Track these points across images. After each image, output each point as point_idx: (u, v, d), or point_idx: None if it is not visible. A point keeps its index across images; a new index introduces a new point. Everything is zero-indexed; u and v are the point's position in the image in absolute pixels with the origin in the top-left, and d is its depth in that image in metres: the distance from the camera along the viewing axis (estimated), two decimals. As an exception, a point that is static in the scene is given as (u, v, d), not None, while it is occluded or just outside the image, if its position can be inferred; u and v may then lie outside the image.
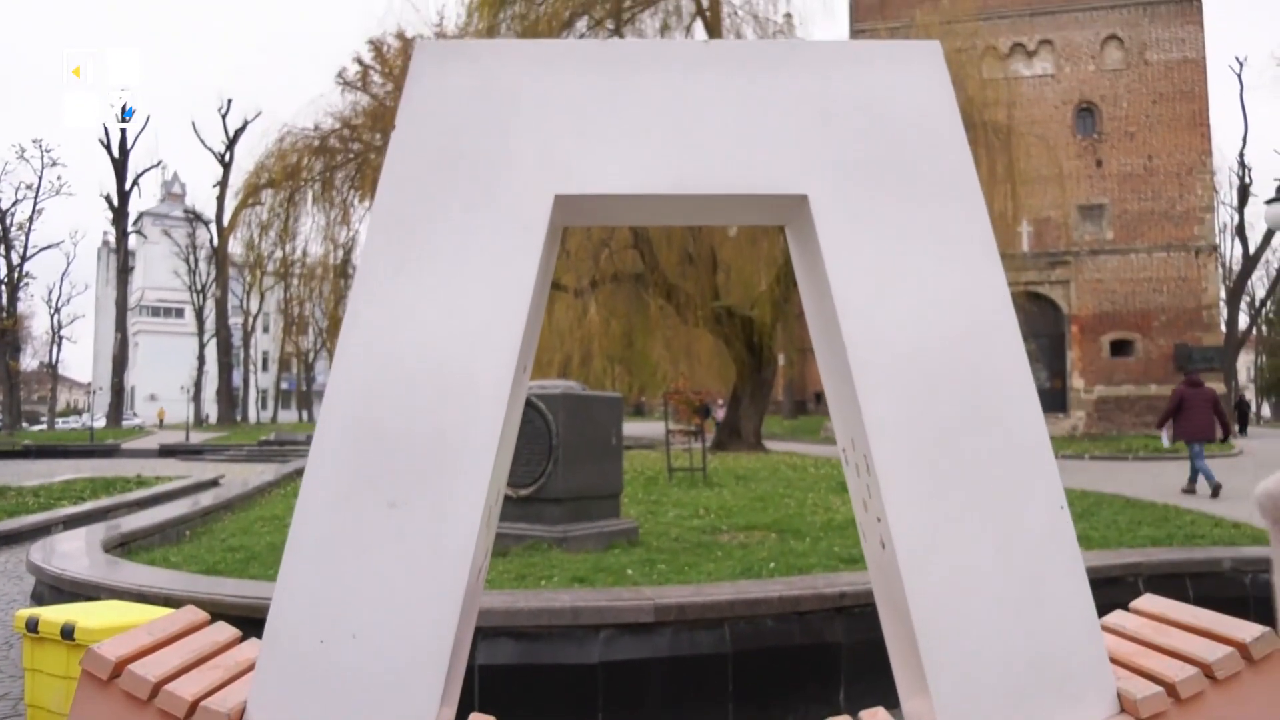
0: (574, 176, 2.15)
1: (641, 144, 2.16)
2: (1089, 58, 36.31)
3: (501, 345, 2.10)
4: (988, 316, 2.18)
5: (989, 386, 2.18)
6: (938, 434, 2.16)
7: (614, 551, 8.28)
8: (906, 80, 2.24)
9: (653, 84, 2.19)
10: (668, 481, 14.75)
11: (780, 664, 5.24)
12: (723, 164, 2.19)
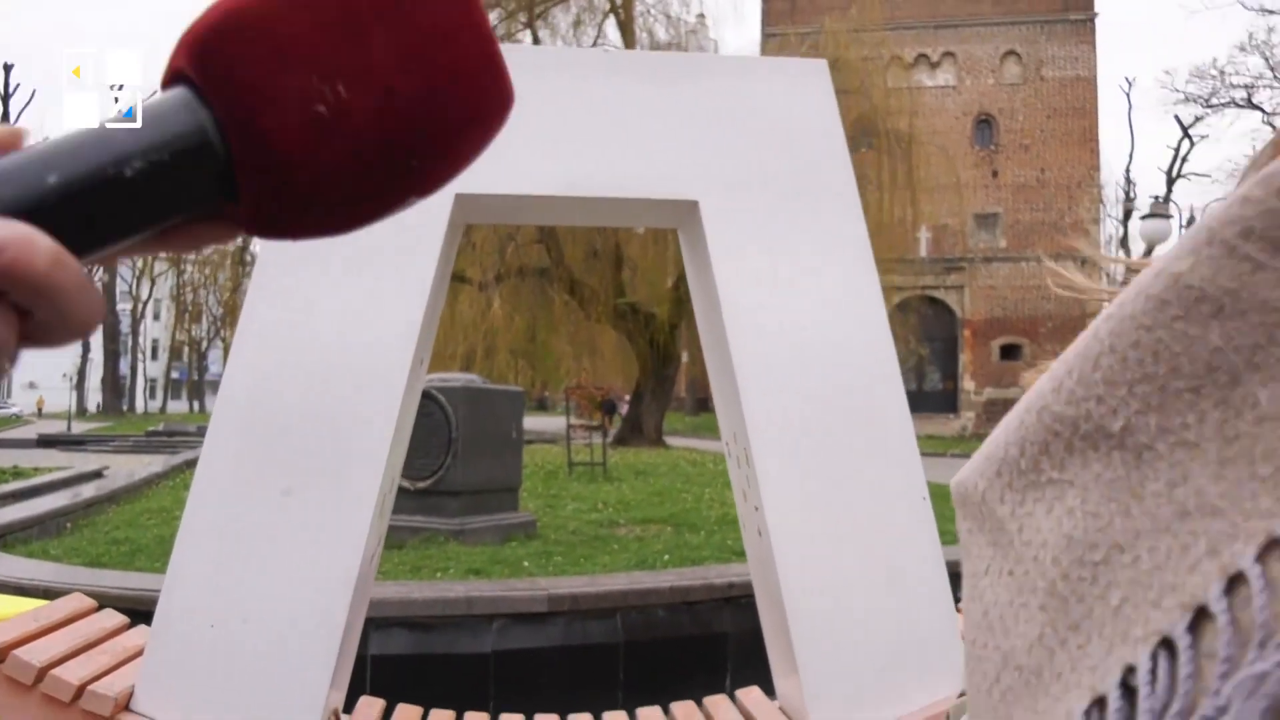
0: (474, 176, 2.21)
1: (542, 147, 2.25)
2: (989, 71, 37.62)
3: (399, 339, 2.15)
4: (862, 320, 2.33)
5: (861, 385, 2.34)
6: (812, 429, 2.30)
7: (511, 544, 8.33)
8: (795, 96, 2.38)
9: (554, 89, 2.28)
10: (568, 476, 14.84)
11: (670, 652, 5.38)
12: (619, 169, 2.29)
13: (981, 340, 35.73)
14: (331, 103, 0.34)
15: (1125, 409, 0.33)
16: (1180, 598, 0.31)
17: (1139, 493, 0.33)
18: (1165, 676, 0.31)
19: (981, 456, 0.40)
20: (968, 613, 0.40)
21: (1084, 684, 0.33)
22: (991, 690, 0.37)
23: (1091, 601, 0.34)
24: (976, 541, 0.40)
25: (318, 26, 0.33)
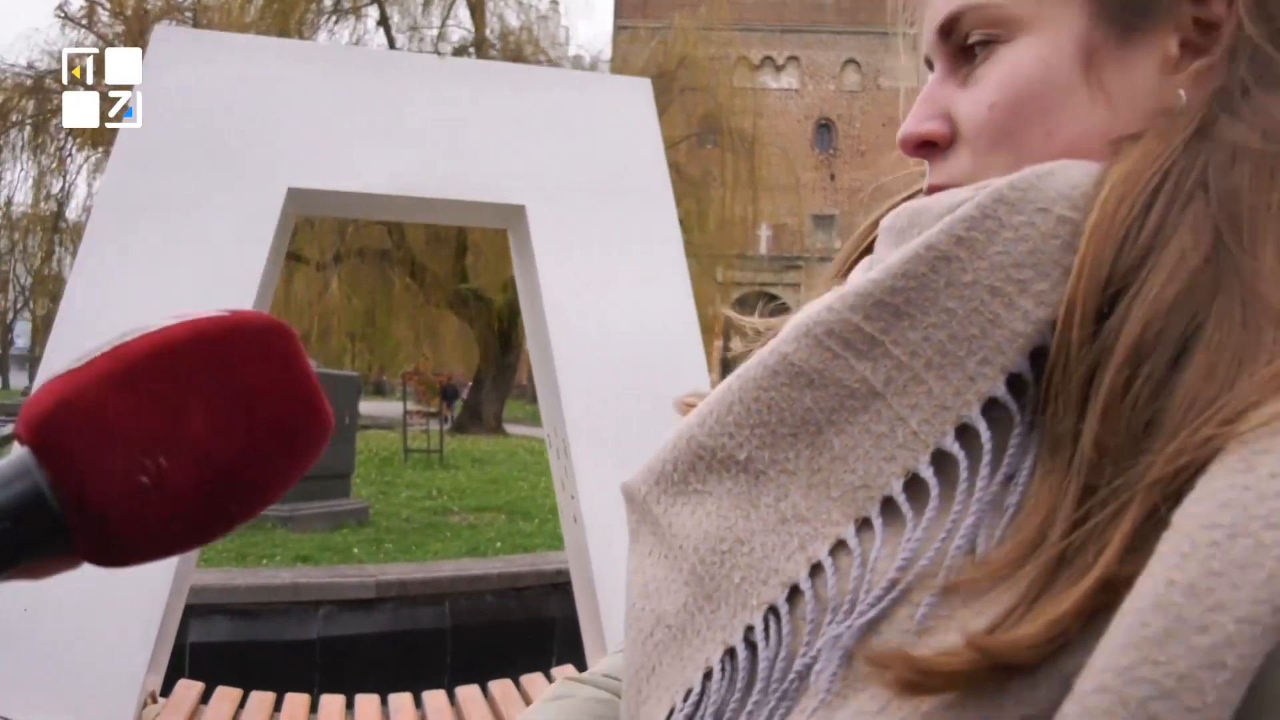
0: (309, 171, 2.28)
1: (378, 147, 2.33)
2: (830, 77, 39.12)
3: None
4: (675, 323, 2.52)
5: (671, 382, 2.52)
6: (625, 422, 2.47)
7: (342, 531, 8.25)
8: (620, 110, 2.54)
9: (389, 92, 2.36)
10: (403, 463, 14.68)
11: (498, 637, 5.50)
12: (451, 172, 2.39)
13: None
14: (153, 473, 0.38)
15: (748, 445, 0.49)
16: (781, 578, 0.47)
17: (755, 503, 0.49)
18: (775, 633, 0.47)
19: (645, 467, 0.55)
20: (632, 583, 0.55)
21: (717, 639, 0.49)
22: (645, 642, 0.52)
23: (721, 579, 0.49)
24: (642, 531, 0.55)
25: (140, 404, 0.38)
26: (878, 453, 0.46)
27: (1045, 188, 0.45)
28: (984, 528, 0.42)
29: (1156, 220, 0.42)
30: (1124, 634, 0.35)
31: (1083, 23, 0.49)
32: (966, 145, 0.52)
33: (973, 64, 0.52)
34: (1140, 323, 0.40)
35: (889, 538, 0.44)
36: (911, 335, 0.45)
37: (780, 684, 0.45)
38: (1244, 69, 0.47)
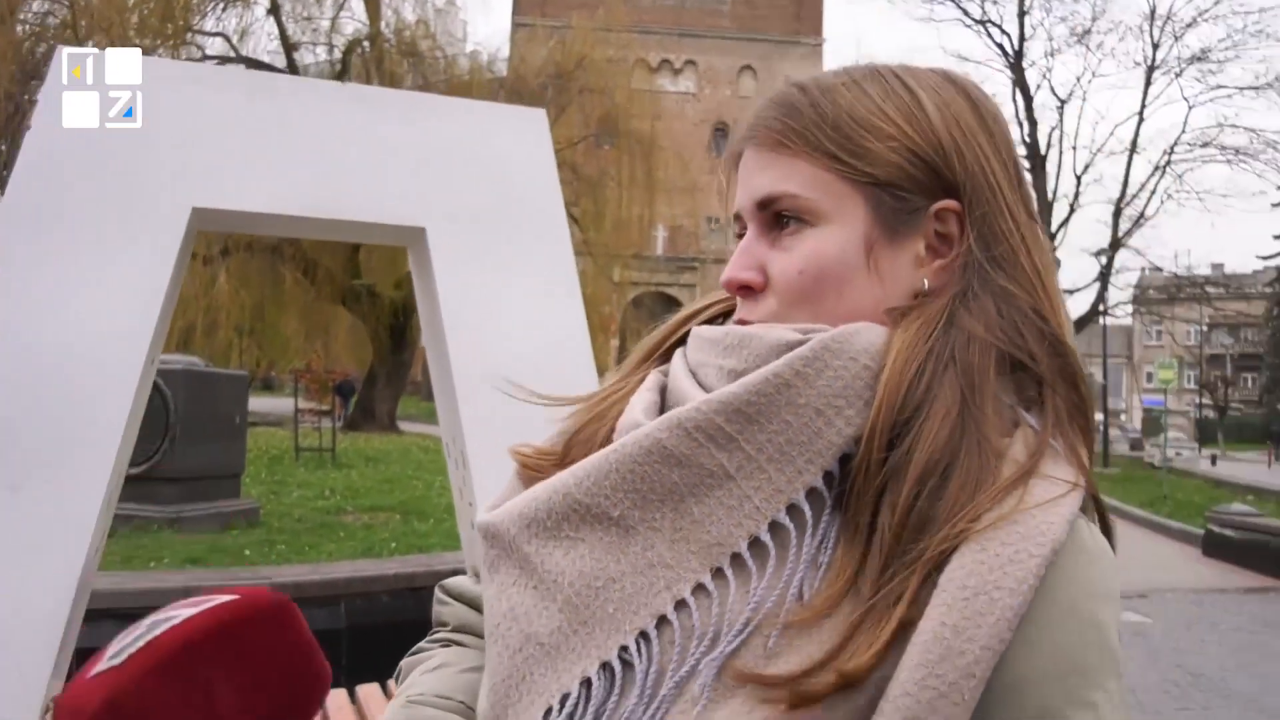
0: (212, 191, 2.37)
1: (279, 167, 2.43)
2: (727, 83, 39.71)
3: (132, 344, 2.27)
4: (568, 342, 2.68)
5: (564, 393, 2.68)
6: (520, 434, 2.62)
7: (232, 533, 8.16)
8: (516, 139, 2.69)
9: (294, 115, 2.46)
10: (294, 461, 14.46)
11: (394, 638, 5.57)
12: (353, 193, 2.51)
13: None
14: None
15: (621, 505, 0.67)
16: (651, 610, 0.65)
17: (625, 551, 0.67)
18: (646, 653, 0.64)
19: (510, 511, 0.71)
20: (494, 607, 0.70)
21: (593, 655, 0.66)
22: (515, 656, 0.68)
23: (595, 608, 0.66)
24: (503, 563, 0.72)
25: (177, 690, 0.45)
26: (729, 520, 0.65)
27: (854, 343, 0.66)
28: (806, 580, 0.62)
29: (926, 382, 0.64)
30: (916, 656, 0.57)
31: (866, 223, 0.70)
32: (775, 295, 0.72)
33: (782, 231, 0.72)
34: (925, 455, 0.62)
35: (739, 584, 0.63)
36: (759, 437, 0.65)
37: (654, 692, 0.63)
38: (974, 278, 0.69)
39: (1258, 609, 9.40)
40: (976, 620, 0.57)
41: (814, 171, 0.70)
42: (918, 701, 0.56)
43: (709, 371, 0.72)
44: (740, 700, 0.60)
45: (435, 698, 0.78)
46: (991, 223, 0.71)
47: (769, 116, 0.74)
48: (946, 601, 0.58)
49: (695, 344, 0.76)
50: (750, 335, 0.70)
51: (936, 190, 0.71)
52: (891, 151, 0.70)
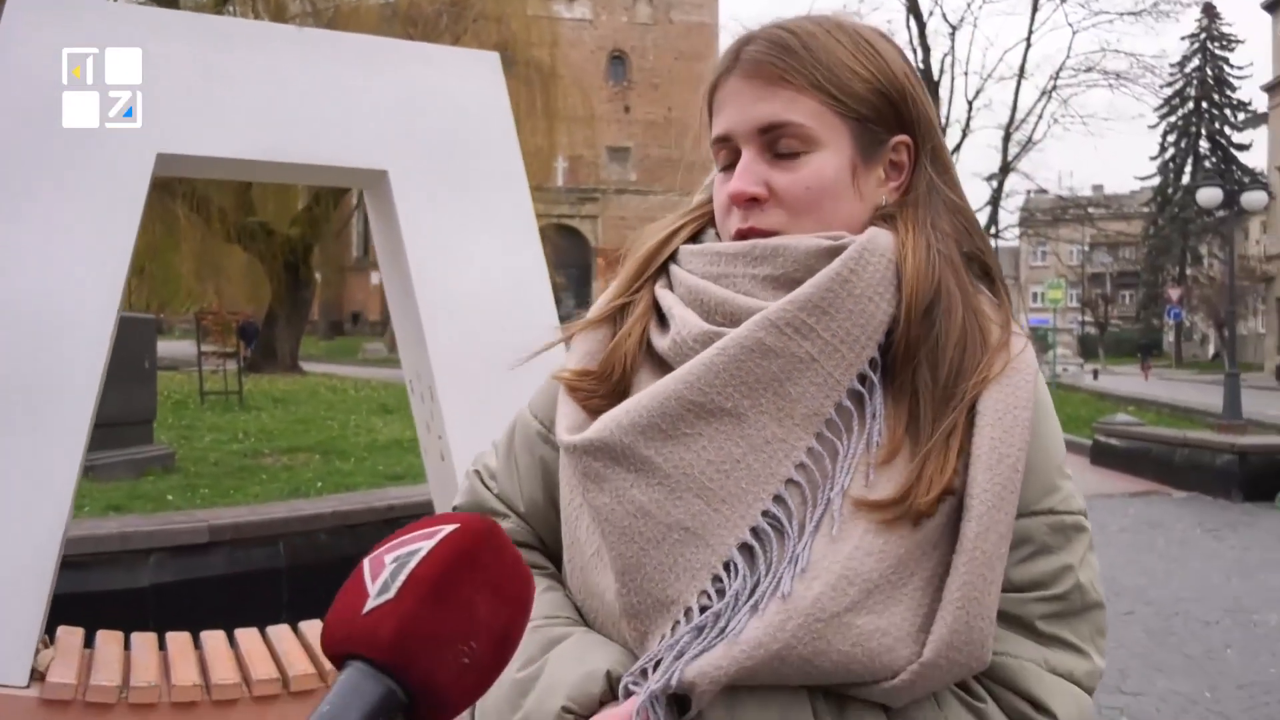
0: (177, 136, 2.37)
1: (240, 113, 2.44)
2: (623, 9, 39.04)
3: (104, 292, 2.29)
4: (529, 280, 2.78)
5: (526, 334, 2.78)
6: (488, 370, 2.72)
7: (149, 479, 8.01)
8: (473, 83, 2.75)
9: (253, 60, 2.47)
10: (200, 405, 14.14)
11: (334, 575, 5.62)
12: (315, 137, 2.54)
13: (613, 268, 37.30)
14: (470, 654, 0.55)
15: (732, 397, 0.81)
16: (779, 477, 0.79)
17: (744, 435, 0.80)
18: (783, 512, 0.78)
19: (619, 424, 0.83)
20: (614, 510, 0.81)
21: (741, 525, 0.79)
22: (660, 545, 0.79)
23: (730, 488, 0.80)
24: (615, 471, 0.82)
25: (448, 610, 0.53)
26: (819, 394, 0.81)
27: (880, 243, 0.84)
28: (875, 429, 0.81)
29: (936, 272, 0.84)
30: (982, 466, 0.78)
31: (850, 150, 0.88)
32: (783, 206, 0.87)
33: (780, 154, 0.87)
34: (955, 328, 0.82)
35: (836, 441, 0.81)
36: (832, 324, 0.81)
37: (801, 531, 0.79)
38: (933, 195, 0.89)
39: (1142, 510, 10.12)
40: (1011, 432, 0.80)
41: (812, 105, 0.85)
42: (991, 495, 0.77)
43: (740, 280, 0.85)
44: (863, 524, 0.78)
45: (552, 618, 0.88)
46: (936, 152, 0.90)
47: (763, 53, 0.87)
48: (990, 423, 0.80)
49: (704, 259, 0.89)
50: (781, 245, 0.85)
51: (894, 126, 0.88)
52: (869, 92, 0.86)
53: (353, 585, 0.57)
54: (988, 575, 0.77)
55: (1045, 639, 0.83)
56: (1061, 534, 0.84)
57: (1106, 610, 0.87)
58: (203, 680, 2.60)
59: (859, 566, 0.76)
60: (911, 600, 0.77)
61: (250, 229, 22.87)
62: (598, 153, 36.46)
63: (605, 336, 0.93)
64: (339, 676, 0.54)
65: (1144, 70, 30.49)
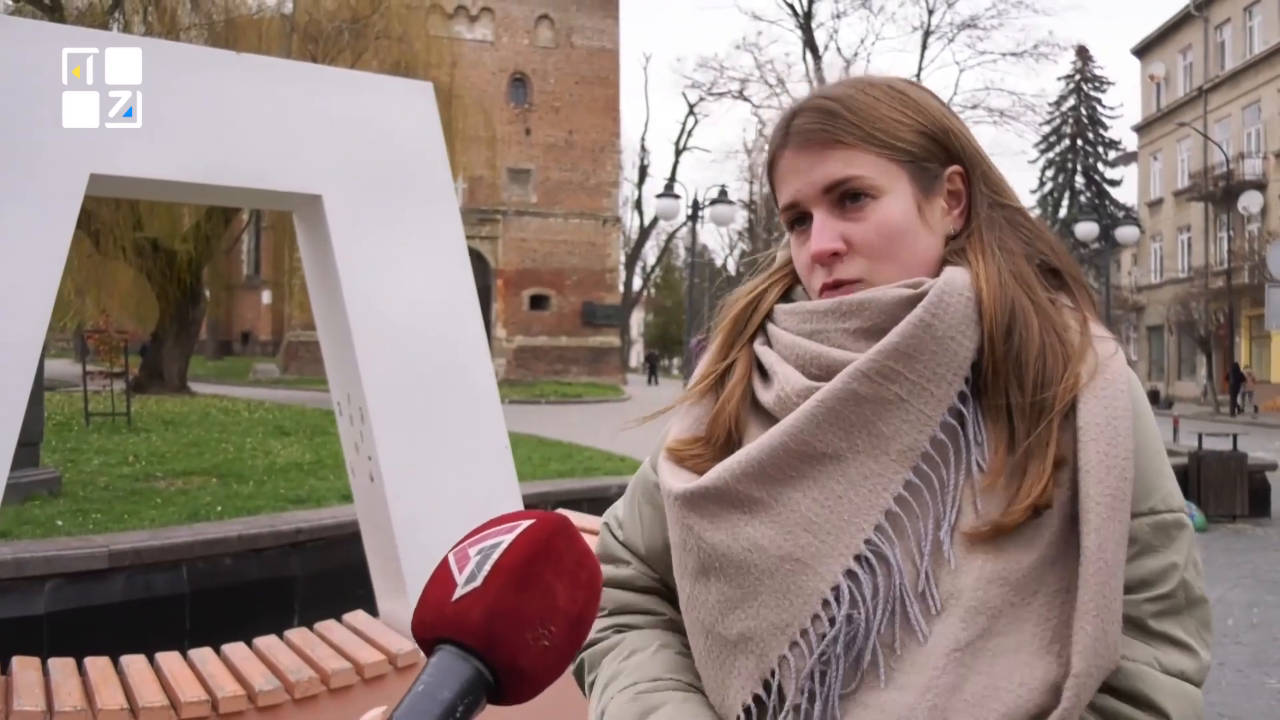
0: (111, 157, 2.37)
1: (180, 136, 2.45)
2: (524, 32, 38.98)
3: (34, 312, 2.27)
4: (460, 304, 2.85)
5: (458, 356, 2.86)
6: (418, 391, 2.79)
7: (35, 503, 7.68)
8: (408, 111, 2.81)
9: (190, 84, 2.49)
10: (85, 427, 13.58)
11: (238, 599, 5.54)
12: (250, 161, 2.56)
13: (513, 290, 37.48)
14: (550, 637, 0.59)
15: (830, 442, 0.88)
16: (878, 508, 0.86)
17: (844, 473, 0.88)
18: (886, 540, 0.85)
19: (731, 472, 0.89)
20: (730, 546, 0.87)
21: (845, 553, 0.85)
22: (773, 576, 0.86)
23: (834, 520, 0.87)
24: (730, 512, 0.89)
25: (530, 597, 0.58)
26: (911, 430, 0.87)
27: (957, 283, 0.90)
28: (976, 456, 0.86)
29: (1010, 296, 0.90)
30: (1093, 477, 0.83)
31: (911, 189, 0.94)
32: (862, 255, 0.93)
33: (848, 208, 0.93)
34: (1034, 346, 0.87)
35: (934, 474, 0.86)
36: (918, 367, 0.87)
37: (911, 565, 0.84)
38: (994, 214, 0.96)
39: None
40: (1115, 442, 0.84)
41: (868, 157, 0.92)
42: (1105, 507, 0.81)
43: (832, 335, 0.91)
44: (980, 555, 0.83)
45: (654, 681, 0.94)
46: (988, 175, 0.97)
47: (811, 122, 0.93)
48: (1093, 436, 0.83)
49: (798, 318, 0.95)
50: (867, 299, 0.90)
51: (945, 159, 0.95)
52: (915, 135, 0.93)
53: (440, 576, 0.61)
54: (1113, 583, 0.80)
55: (1155, 637, 0.85)
56: (1164, 533, 0.86)
57: (1209, 604, 0.90)
58: (129, 704, 2.56)
59: (984, 595, 0.81)
60: (1038, 616, 0.81)
61: (139, 244, 22.08)
62: (498, 174, 36.22)
63: (709, 401, 0.98)
64: (430, 660, 0.59)
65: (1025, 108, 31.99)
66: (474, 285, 2.92)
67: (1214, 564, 9.50)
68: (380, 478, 2.72)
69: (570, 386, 31.32)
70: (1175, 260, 36.53)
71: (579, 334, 37.01)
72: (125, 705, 2.53)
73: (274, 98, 2.61)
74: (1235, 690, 5.60)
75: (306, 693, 2.76)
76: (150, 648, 5.27)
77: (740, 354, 0.99)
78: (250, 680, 2.79)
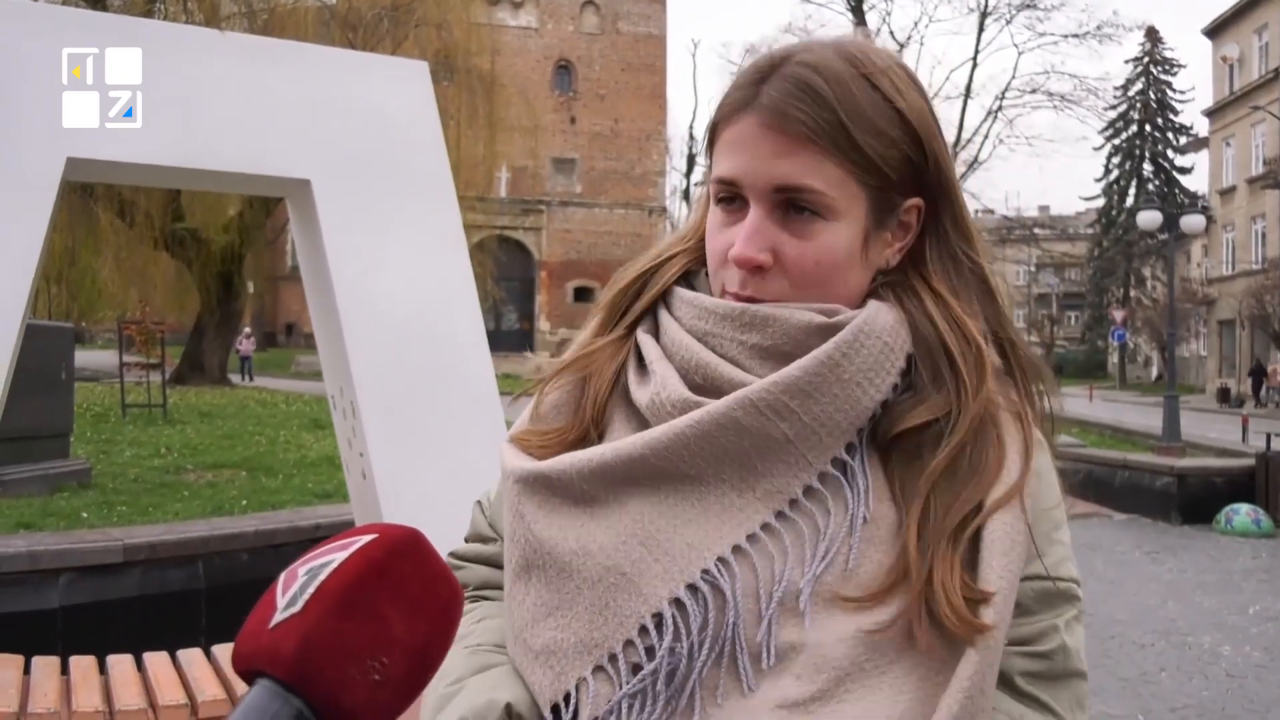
0: (87, 141, 2.26)
1: (158, 118, 2.34)
2: (569, 18, 38.84)
3: (8, 300, 2.17)
4: (456, 294, 2.71)
5: (453, 349, 2.73)
6: (412, 386, 2.65)
7: (63, 495, 7.73)
8: (399, 92, 2.67)
9: (171, 64, 2.37)
10: (122, 419, 13.72)
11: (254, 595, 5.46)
12: (235, 144, 2.45)
13: (557, 282, 37.47)
14: (381, 670, 0.52)
15: (697, 465, 0.77)
16: (727, 541, 0.76)
17: (702, 497, 0.78)
18: (728, 575, 0.75)
19: (575, 464, 0.79)
20: (557, 544, 0.78)
21: (677, 579, 0.75)
22: (595, 586, 0.76)
23: (676, 541, 0.77)
24: (566, 507, 0.80)
25: (357, 624, 0.51)
26: (787, 472, 0.77)
27: (878, 323, 0.79)
28: (864, 512, 0.76)
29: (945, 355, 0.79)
30: (998, 559, 0.74)
31: (865, 219, 0.81)
32: (787, 277, 0.81)
33: (794, 217, 0.80)
34: (958, 438, 0.77)
35: (802, 521, 0.76)
36: (814, 408, 0.77)
37: (753, 606, 0.74)
38: (946, 260, 0.84)
39: (1081, 533, 10.31)
40: (1010, 569, 0.75)
41: (836, 172, 0.78)
42: (1007, 584, 0.74)
43: (726, 344, 0.81)
44: (839, 613, 0.73)
45: (494, 647, 0.86)
46: (958, 219, 0.85)
47: (789, 100, 0.78)
48: (1001, 549, 0.75)
49: (696, 312, 0.84)
50: (773, 315, 0.80)
51: (911, 190, 0.83)
52: (895, 159, 0.80)
53: (265, 600, 0.54)
54: (994, 662, 0.73)
55: (1023, 697, 0.79)
56: (1046, 600, 0.80)
57: (1088, 683, 0.83)
58: (106, 706, 2.47)
59: (830, 653, 0.72)
60: (891, 689, 0.72)
61: (179, 235, 22.31)
62: (542, 163, 36.19)
63: (574, 387, 0.88)
64: (245, 696, 0.51)
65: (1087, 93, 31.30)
66: (471, 274, 2.78)
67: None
68: (371, 474, 2.60)
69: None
70: (1248, 251, 35.08)
71: (622, 328, 36.96)
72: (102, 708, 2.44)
73: (259, 78, 2.49)
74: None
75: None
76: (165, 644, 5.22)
77: (620, 336, 0.88)
78: (233, 683, 2.69)
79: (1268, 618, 7.39)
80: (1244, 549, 9.93)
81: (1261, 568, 9.30)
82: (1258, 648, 6.43)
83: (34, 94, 2.22)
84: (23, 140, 2.19)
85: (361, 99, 2.63)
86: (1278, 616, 7.45)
